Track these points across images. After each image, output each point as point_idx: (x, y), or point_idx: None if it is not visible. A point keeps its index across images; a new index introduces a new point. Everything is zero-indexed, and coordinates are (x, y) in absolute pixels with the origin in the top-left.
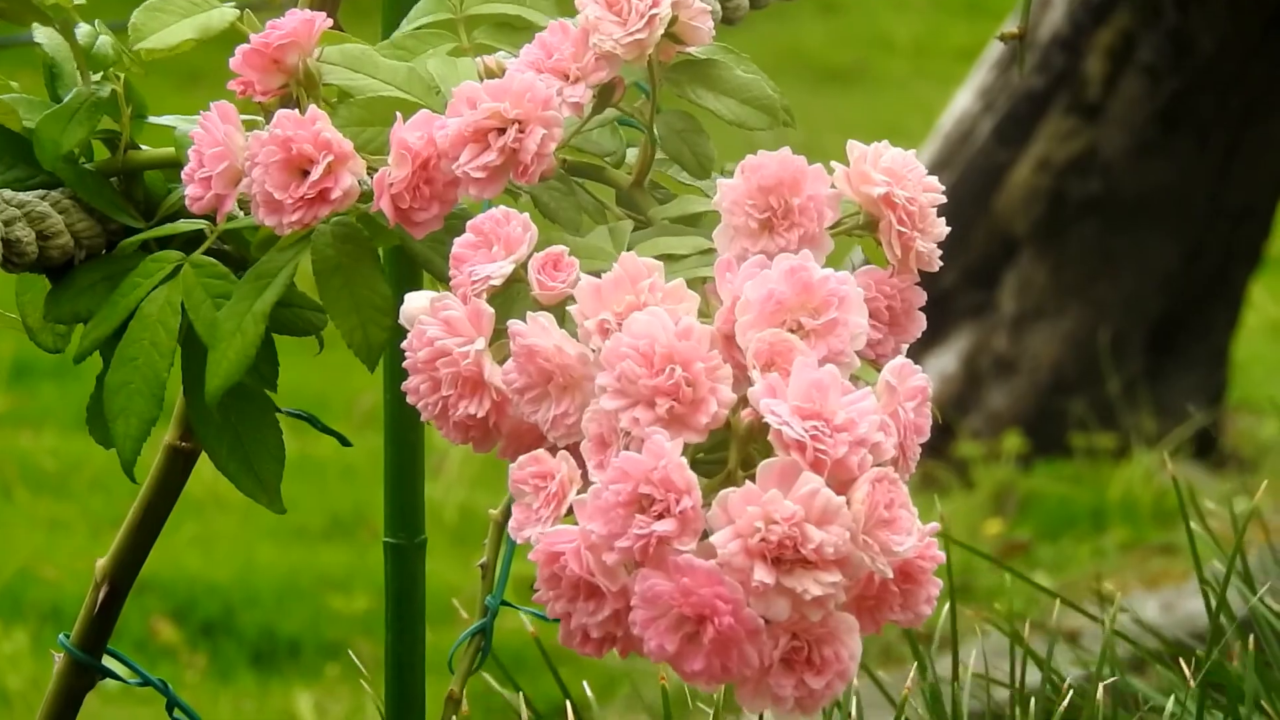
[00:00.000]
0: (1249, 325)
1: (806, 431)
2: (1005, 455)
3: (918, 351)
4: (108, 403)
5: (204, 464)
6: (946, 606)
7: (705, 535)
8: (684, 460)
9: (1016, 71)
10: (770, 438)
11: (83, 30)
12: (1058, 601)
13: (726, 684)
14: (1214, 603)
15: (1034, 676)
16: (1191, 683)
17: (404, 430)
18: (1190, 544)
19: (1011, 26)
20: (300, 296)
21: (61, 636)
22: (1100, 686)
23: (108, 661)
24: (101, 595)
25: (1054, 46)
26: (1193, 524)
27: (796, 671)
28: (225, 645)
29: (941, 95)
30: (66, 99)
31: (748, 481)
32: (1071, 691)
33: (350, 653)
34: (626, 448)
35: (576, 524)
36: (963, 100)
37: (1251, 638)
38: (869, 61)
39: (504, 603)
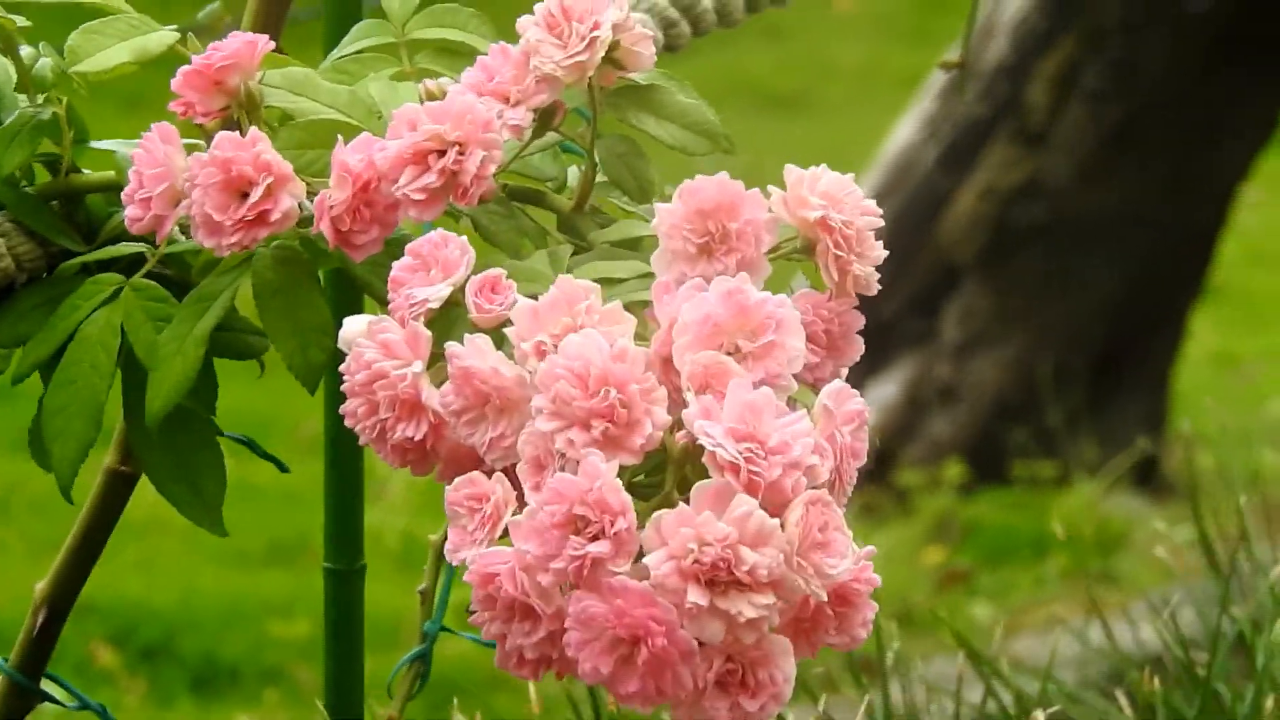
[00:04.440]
0: (1190, 355)
1: (740, 454)
2: (946, 483)
3: (860, 379)
4: (46, 425)
5: (146, 488)
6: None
7: (640, 557)
8: (619, 482)
9: (959, 100)
10: (705, 460)
11: (25, 52)
12: (1000, 629)
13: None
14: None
15: (978, 704)
16: (1128, 711)
17: (344, 456)
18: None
19: (954, 54)
20: (241, 320)
21: None
22: (1041, 714)
23: (46, 685)
24: (40, 619)
25: (998, 75)
26: (1133, 553)
27: (731, 694)
28: (165, 670)
29: (886, 121)
30: (7, 121)
31: (681, 503)
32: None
33: (290, 678)
34: (562, 469)
35: (512, 546)
36: (906, 129)
37: (1150, 673)
38: (813, 88)
39: (443, 628)
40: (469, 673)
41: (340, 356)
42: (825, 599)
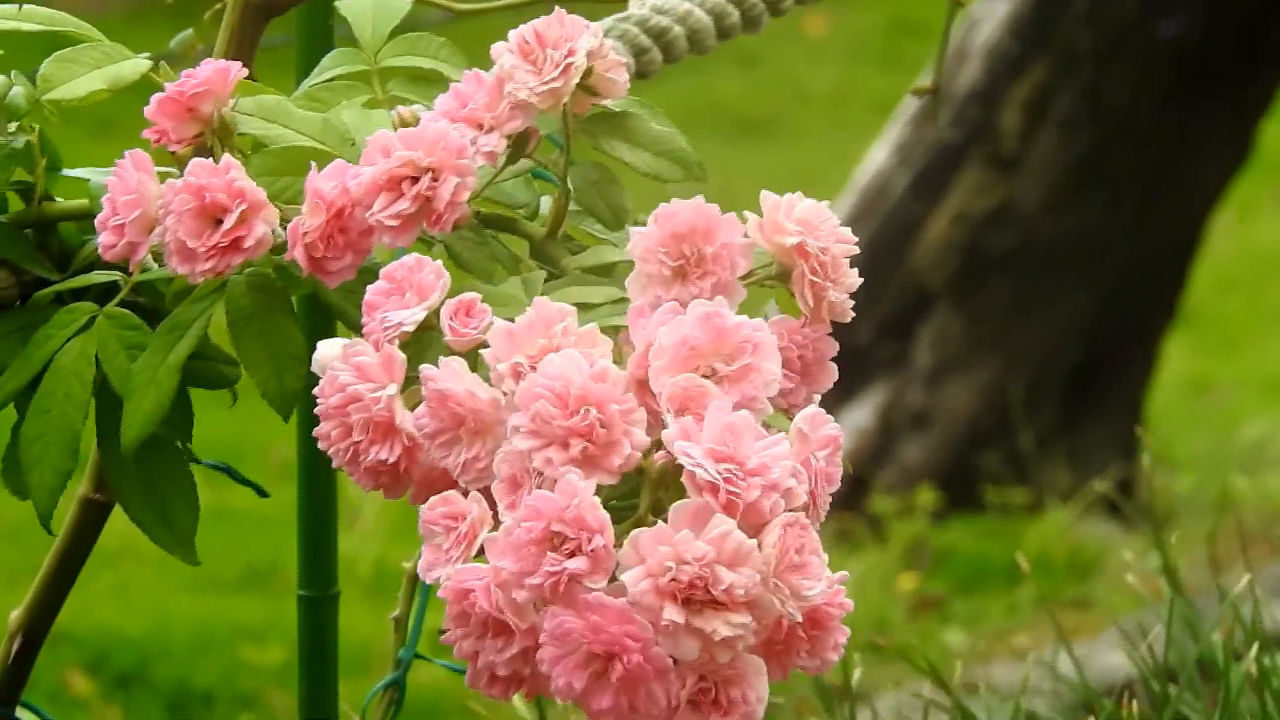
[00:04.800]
0: (1162, 379)
1: (720, 474)
2: (919, 509)
3: (832, 404)
4: (24, 454)
5: (119, 516)
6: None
7: (616, 576)
8: (597, 500)
9: (932, 125)
10: (683, 480)
11: None
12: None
13: None
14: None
15: None
16: None
17: (317, 482)
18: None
19: (926, 80)
20: (214, 349)
21: None
22: None
23: (21, 713)
24: (15, 647)
25: (970, 100)
26: (1107, 579)
27: (704, 712)
28: (139, 697)
29: (858, 147)
30: None
31: (660, 522)
32: None
33: (264, 704)
34: (539, 488)
35: (487, 564)
36: (878, 155)
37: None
38: (785, 113)
39: (417, 655)
40: (442, 700)
41: (314, 384)
42: (800, 620)
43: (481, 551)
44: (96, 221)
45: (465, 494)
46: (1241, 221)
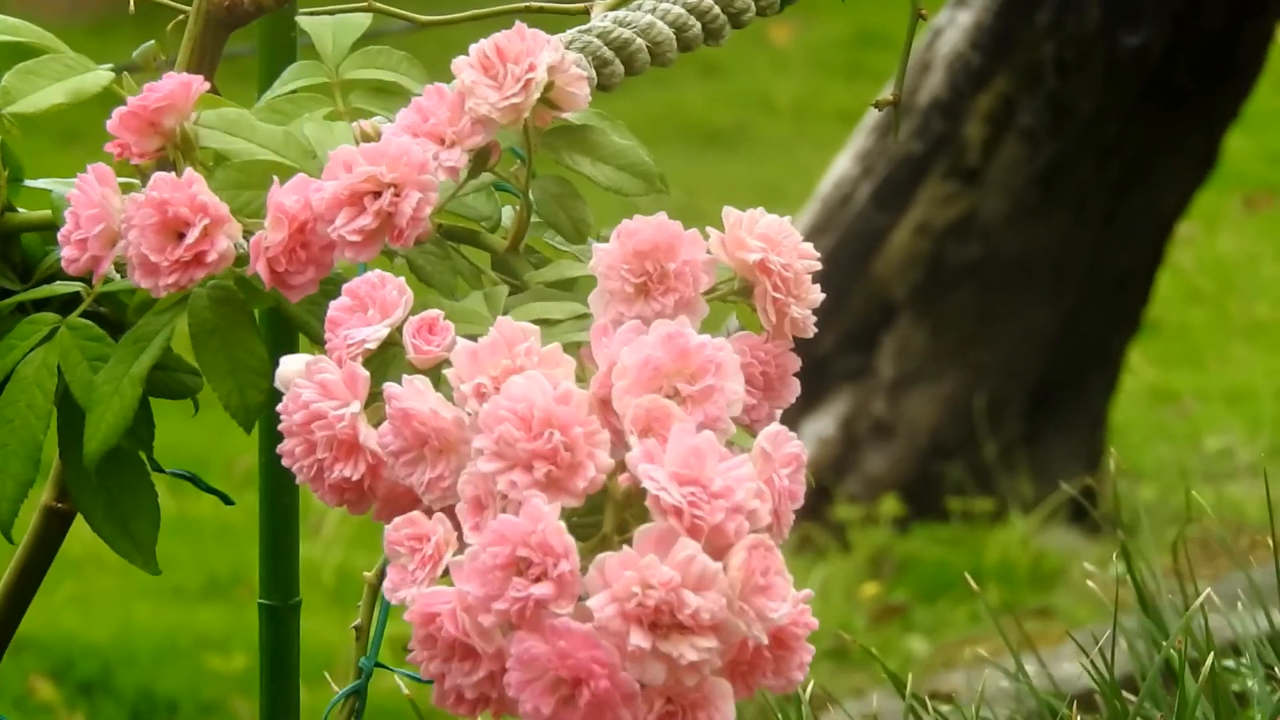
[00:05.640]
0: (1126, 390)
1: (684, 497)
2: (882, 519)
3: (795, 415)
4: None
5: (82, 524)
6: None
7: (582, 599)
8: (562, 525)
9: (892, 139)
10: (648, 503)
11: None
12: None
13: None
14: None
15: None
16: None
17: (279, 492)
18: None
19: (889, 92)
20: (176, 360)
21: None
22: None
23: None
24: None
25: (933, 111)
26: (1069, 588)
27: None
28: (104, 704)
29: (822, 158)
30: None
31: (625, 546)
32: None
33: (227, 712)
34: (503, 510)
35: (452, 585)
36: (842, 165)
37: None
38: (749, 124)
39: (378, 664)
40: (402, 708)
41: (276, 395)
42: (766, 642)
43: (447, 573)
44: (59, 235)
45: (430, 513)
46: (1206, 233)
